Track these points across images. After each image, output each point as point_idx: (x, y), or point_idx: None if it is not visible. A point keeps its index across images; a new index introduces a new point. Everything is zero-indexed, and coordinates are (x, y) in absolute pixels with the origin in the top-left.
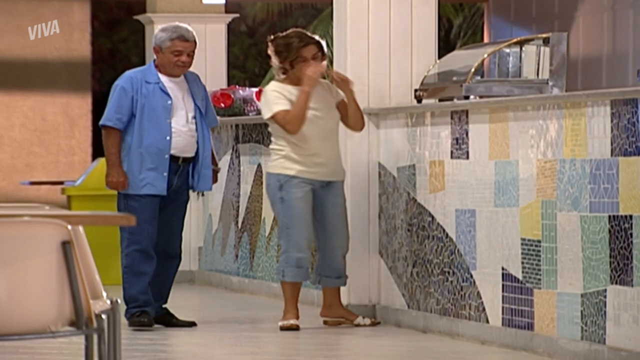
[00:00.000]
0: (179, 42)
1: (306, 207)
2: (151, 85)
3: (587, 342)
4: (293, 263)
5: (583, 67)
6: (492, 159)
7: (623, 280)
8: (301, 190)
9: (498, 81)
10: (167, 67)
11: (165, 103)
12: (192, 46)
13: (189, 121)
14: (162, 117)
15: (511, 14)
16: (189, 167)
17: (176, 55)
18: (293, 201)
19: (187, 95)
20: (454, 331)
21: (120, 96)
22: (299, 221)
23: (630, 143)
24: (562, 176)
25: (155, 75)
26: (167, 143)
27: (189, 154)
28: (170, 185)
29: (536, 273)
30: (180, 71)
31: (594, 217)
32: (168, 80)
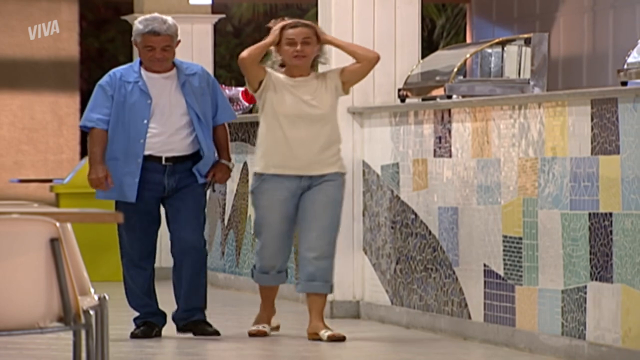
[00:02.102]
0: (150, 36)
1: (274, 215)
2: (130, 85)
3: (568, 338)
4: (258, 268)
5: (564, 66)
6: (474, 158)
7: (603, 277)
8: (269, 199)
9: (480, 81)
10: (145, 62)
11: (144, 102)
12: (166, 40)
13: (174, 119)
14: (138, 118)
15: (493, 15)
16: (187, 165)
17: (149, 51)
18: (259, 209)
19: (176, 92)
20: (437, 327)
21: (98, 95)
22: (263, 229)
23: (610, 142)
24: (543, 174)
25: (137, 73)
26: (140, 146)
27: (174, 152)
28: (164, 187)
29: (517, 270)
30: (157, 67)
31: (575, 214)
32: (152, 77)
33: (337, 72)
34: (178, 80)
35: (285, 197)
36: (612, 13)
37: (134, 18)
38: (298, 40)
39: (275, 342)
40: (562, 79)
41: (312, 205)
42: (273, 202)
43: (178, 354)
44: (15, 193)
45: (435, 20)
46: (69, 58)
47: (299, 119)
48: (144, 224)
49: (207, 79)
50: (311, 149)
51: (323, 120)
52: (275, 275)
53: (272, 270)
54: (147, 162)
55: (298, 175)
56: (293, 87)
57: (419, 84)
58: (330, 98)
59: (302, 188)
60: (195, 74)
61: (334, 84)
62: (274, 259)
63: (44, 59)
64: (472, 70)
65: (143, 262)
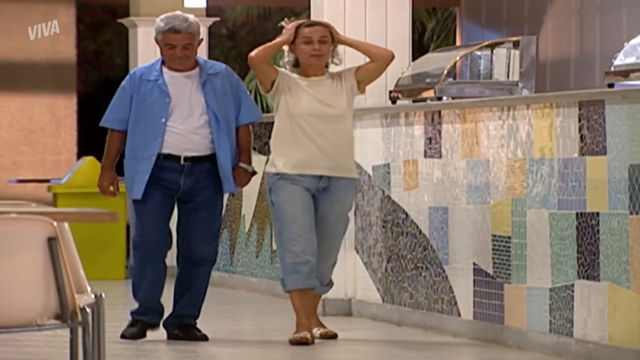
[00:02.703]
0: (170, 34)
1: (297, 207)
2: (150, 83)
3: (555, 335)
4: (289, 270)
5: (552, 69)
6: (464, 158)
7: (590, 275)
8: (289, 192)
9: (470, 83)
10: (166, 60)
11: (163, 101)
12: (186, 38)
13: (193, 119)
14: (157, 117)
15: (482, 18)
16: (205, 166)
17: (170, 49)
18: (281, 204)
19: (197, 90)
20: (427, 324)
21: (119, 95)
22: (288, 224)
23: (597, 143)
24: (531, 175)
25: (158, 71)
26: (157, 144)
27: (193, 152)
28: (179, 186)
29: (506, 268)
30: (177, 65)
31: (562, 214)
32: (173, 76)
33: (352, 72)
34: (199, 80)
35: (305, 191)
36: (598, 16)
37: (130, 21)
38: (315, 39)
39: (268, 340)
40: (550, 81)
41: (327, 216)
42: (295, 194)
43: (173, 351)
44: (13, 193)
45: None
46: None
47: (316, 119)
48: (154, 217)
49: (230, 78)
50: (334, 148)
51: (340, 120)
52: (309, 275)
53: (305, 266)
54: (165, 161)
55: (317, 176)
56: (308, 86)
57: (410, 86)
58: (346, 98)
59: (319, 189)
60: (218, 74)
61: (349, 84)
62: (307, 252)
63: (42, 61)
64: (461, 72)
65: (157, 252)
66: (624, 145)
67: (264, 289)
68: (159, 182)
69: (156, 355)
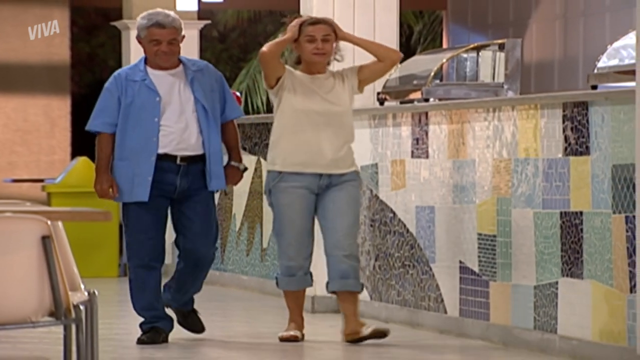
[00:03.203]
0: (155, 29)
1: (295, 212)
2: (137, 84)
3: (540, 332)
4: (284, 272)
5: (536, 71)
6: (450, 158)
7: (574, 273)
8: (288, 196)
9: (456, 84)
10: (151, 58)
11: (153, 100)
12: (171, 33)
13: (186, 117)
14: (149, 116)
15: (468, 21)
16: (199, 166)
17: (155, 45)
18: (280, 207)
19: (185, 88)
20: (414, 321)
21: (105, 98)
22: (286, 229)
23: (580, 143)
24: (516, 175)
25: (142, 71)
26: (154, 144)
27: (189, 152)
28: (175, 187)
29: (492, 266)
30: (163, 61)
31: (547, 213)
32: (159, 75)
33: (354, 71)
34: (186, 77)
35: (305, 193)
36: (582, 20)
37: (123, 24)
38: (318, 37)
39: (258, 336)
40: (535, 83)
41: (333, 204)
42: (294, 198)
43: (164, 347)
44: (8, 192)
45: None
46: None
47: (319, 116)
48: (152, 224)
49: (214, 74)
50: (334, 146)
51: (342, 118)
52: (302, 277)
53: (299, 270)
54: (161, 161)
55: (318, 174)
56: (311, 84)
57: (397, 88)
58: (347, 96)
59: (320, 187)
60: (202, 70)
61: (350, 82)
62: (301, 257)
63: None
64: (448, 74)
65: (153, 262)
66: (607, 145)
67: (254, 287)
68: (155, 185)
69: (150, 351)
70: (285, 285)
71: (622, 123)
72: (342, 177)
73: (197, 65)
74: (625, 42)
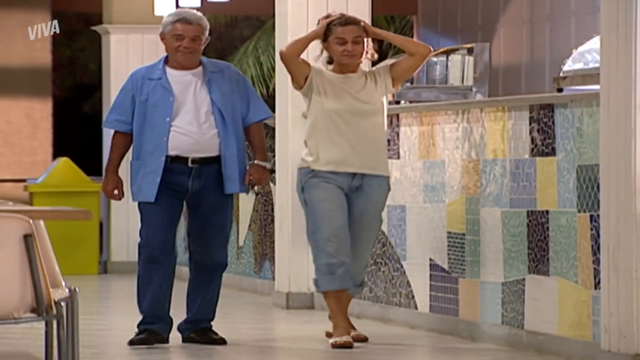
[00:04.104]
0: (179, 24)
1: (332, 207)
2: (153, 82)
3: (507, 327)
4: (324, 271)
5: (504, 74)
6: (421, 159)
7: (540, 270)
8: (323, 191)
9: (426, 87)
10: (171, 55)
11: (167, 100)
12: (196, 30)
13: (200, 118)
14: (161, 116)
15: (438, 26)
16: (213, 168)
17: (177, 40)
18: (315, 202)
19: (201, 89)
20: (386, 317)
21: (120, 96)
22: (323, 224)
23: (546, 144)
24: (484, 175)
25: (160, 70)
26: (164, 144)
27: (202, 153)
28: (187, 189)
29: (461, 263)
30: (184, 58)
31: (514, 212)
32: (176, 74)
33: (387, 69)
34: (204, 78)
35: (338, 190)
36: (548, 25)
37: (103, 29)
38: (349, 40)
39: (236, 334)
40: (503, 86)
41: (361, 216)
42: (329, 193)
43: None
44: None
45: None
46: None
47: (350, 116)
48: (165, 220)
49: (235, 76)
50: (368, 145)
51: (374, 117)
52: (344, 275)
53: (340, 267)
54: (172, 163)
55: (351, 174)
56: (343, 83)
57: None
58: (380, 94)
59: (351, 188)
60: (223, 71)
61: (383, 81)
62: (342, 254)
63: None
64: (418, 77)
65: (162, 257)
66: (572, 147)
67: (231, 284)
68: (166, 185)
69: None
70: (326, 285)
71: (587, 125)
72: (373, 181)
73: (218, 66)
74: (590, 46)
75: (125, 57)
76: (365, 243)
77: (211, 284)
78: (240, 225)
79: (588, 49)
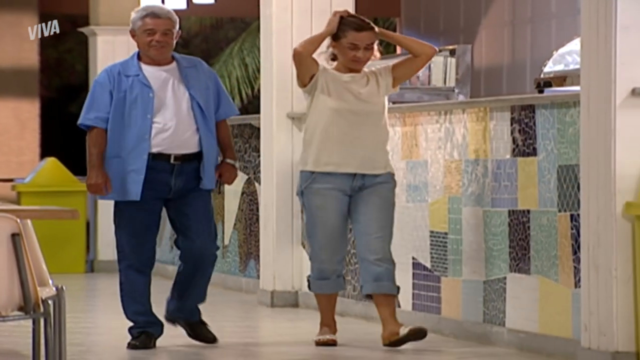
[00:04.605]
0: (149, 19)
1: (328, 214)
2: (130, 78)
3: (489, 325)
4: (316, 275)
5: (486, 76)
6: (404, 159)
7: (521, 269)
8: (321, 197)
9: (409, 88)
10: (144, 51)
11: (147, 96)
12: (166, 23)
13: (181, 114)
14: (141, 113)
15: (421, 28)
16: (194, 165)
17: (149, 35)
18: (312, 209)
19: (179, 84)
20: (369, 315)
21: (96, 92)
22: (318, 230)
23: (528, 145)
24: (467, 175)
25: (135, 66)
26: (146, 142)
27: (183, 150)
28: (170, 187)
29: (443, 262)
30: (157, 53)
31: (495, 211)
32: (153, 70)
33: (388, 69)
34: (180, 73)
35: (338, 195)
36: (529, 27)
37: (90, 30)
38: (361, 47)
39: (221, 332)
40: (484, 87)
41: (366, 207)
42: (327, 200)
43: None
44: None
45: None
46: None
47: (352, 115)
48: (146, 226)
49: (207, 72)
50: (368, 146)
51: (377, 117)
52: (335, 281)
53: (332, 274)
54: (154, 160)
55: (351, 174)
56: (347, 82)
57: None
58: (382, 95)
59: (354, 189)
60: (196, 66)
61: (385, 81)
62: (334, 260)
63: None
64: None
65: (143, 266)
66: (552, 147)
67: (216, 283)
68: (148, 185)
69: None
70: (318, 289)
71: (567, 125)
72: (375, 179)
73: (190, 61)
74: (571, 48)
75: (112, 58)
76: (377, 234)
77: (203, 278)
78: (226, 224)
79: (568, 50)
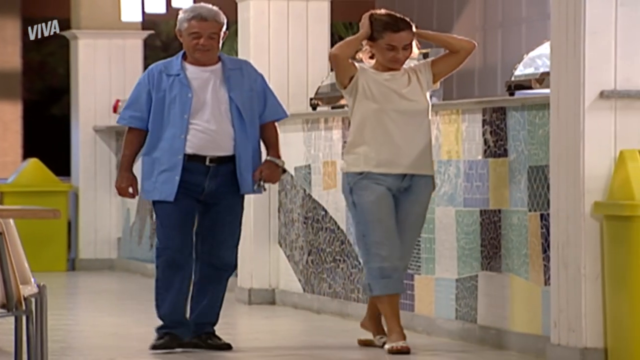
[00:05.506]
0: (195, 22)
1: (382, 209)
2: (171, 78)
3: (461, 322)
4: (377, 275)
5: (458, 79)
6: None
7: (492, 267)
8: (373, 193)
9: None
10: (189, 52)
11: (185, 96)
12: (213, 27)
13: (219, 116)
14: (179, 113)
15: None
16: (229, 167)
17: (194, 38)
18: (365, 205)
19: (220, 86)
20: (345, 312)
21: (136, 92)
22: (374, 227)
23: (499, 146)
24: (439, 175)
25: (178, 66)
26: (181, 142)
27: (219, 152)
28: (203, 189)
29: (416, 260)
30: (201, 56)
31: (467, 211)
32: (196, 71)
33: (428, 66)
34: (223, 75)
35: (388, 192)
36: (500, 31)
37: (71, 34)
38: (400, 47)
39: None
40: (457, 90)
41: (407, 217)
42: (379, 195)
43: (111, 335)
44: None
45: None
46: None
47: (398, 115)
48: (184, 222)
49: (253, 74)
50: (415, 145)
51: (422, 115)
52: (398, 279)
53: (394, 272)
54: (189, 162)
55: (401, 174)
56: (387, 81)
57: (329, 94)
58: (424, 92)
59: (400, 188)
60: (242, 69)
61: (425, 77)
62: (395, 257)
63: None
64: None
65: (183, 260)
66: (523, 148)
67: None
68: (183, 185)
69: (95, 341)
70: (381, 290)
71: (537, 127)
72: (420, 181)
73: (236, 63)
74: (541, 52)
75: (93, 61)
76: (408, 245)
77: (218, 286)
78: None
79: (538, 54)
